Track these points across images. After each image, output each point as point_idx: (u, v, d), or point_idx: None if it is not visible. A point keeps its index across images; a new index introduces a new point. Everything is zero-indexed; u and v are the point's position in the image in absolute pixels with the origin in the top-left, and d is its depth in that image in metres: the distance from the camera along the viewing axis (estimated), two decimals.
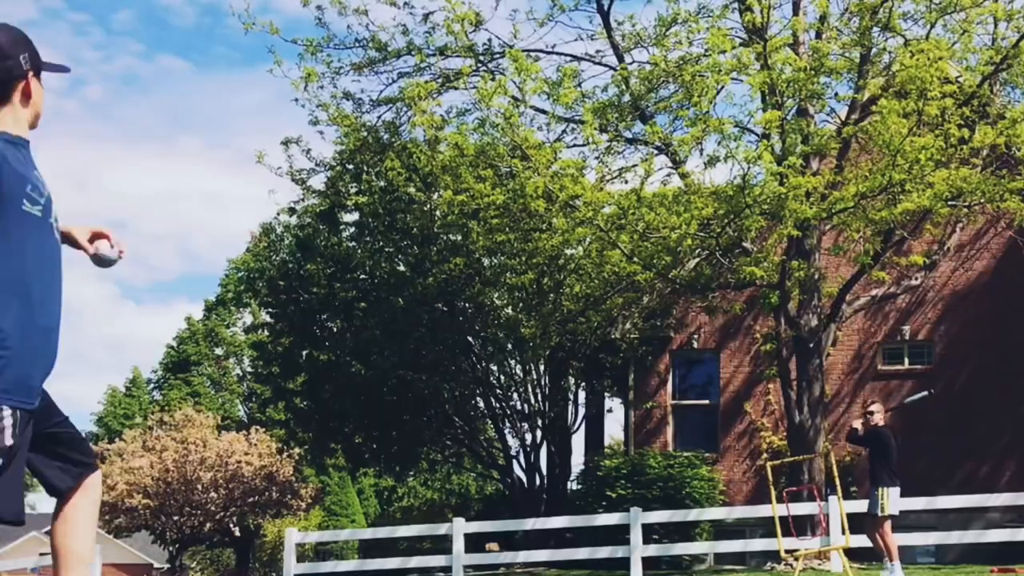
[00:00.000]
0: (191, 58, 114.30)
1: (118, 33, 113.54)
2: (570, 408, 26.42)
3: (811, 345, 18.51)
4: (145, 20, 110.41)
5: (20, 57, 3.72)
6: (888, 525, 13.99)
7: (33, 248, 3.61)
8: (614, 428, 48.57)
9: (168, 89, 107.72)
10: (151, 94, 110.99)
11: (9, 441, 3.59)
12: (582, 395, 26.82)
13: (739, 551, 20.00)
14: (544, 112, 18.80)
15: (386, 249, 25.55)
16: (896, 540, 17.01)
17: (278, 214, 26.24)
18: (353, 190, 25.26)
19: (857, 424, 14.17)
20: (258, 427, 35.33)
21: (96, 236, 4.13)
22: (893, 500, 13.87)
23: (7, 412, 3.56)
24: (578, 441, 27.50)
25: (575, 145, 19.56)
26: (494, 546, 22.93)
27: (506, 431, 26.45)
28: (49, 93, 3.91)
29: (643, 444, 23.09)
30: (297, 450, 30.88)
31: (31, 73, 3.75)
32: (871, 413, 14.15)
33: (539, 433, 25.76)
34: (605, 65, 20.28)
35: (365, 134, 21.60)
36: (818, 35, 18.19)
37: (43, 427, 3.86)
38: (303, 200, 25.26)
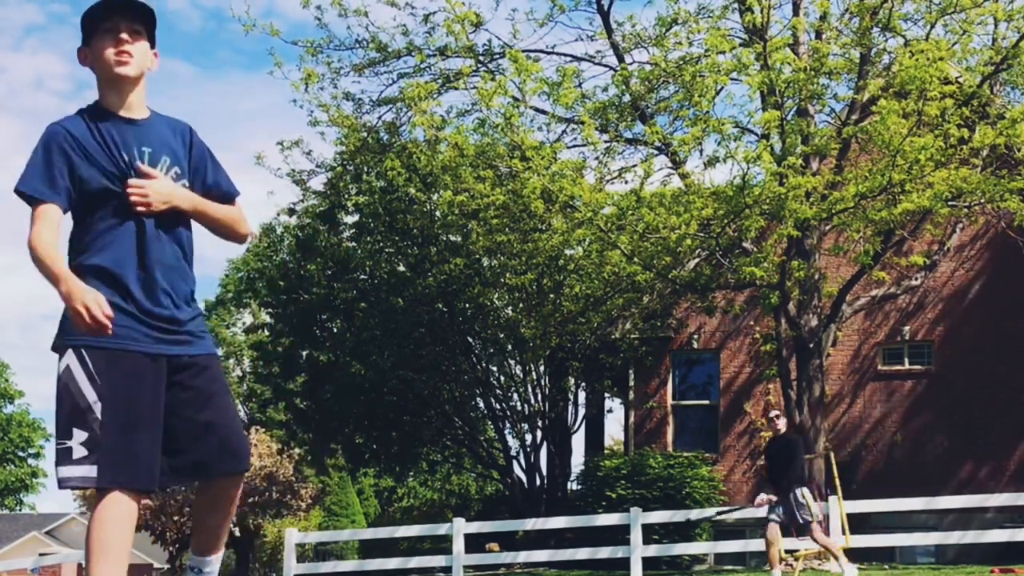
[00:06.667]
0: (196, 62, 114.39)
1: None
2: (570, 408, 26.41)
3: (811, 345, 18.50)
4: None
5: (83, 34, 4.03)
6: (819, 528, 13.94)
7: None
8: (614, 428, 48.62)
9: (173, 92, 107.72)
10: (156, 97, 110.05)
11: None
12: (582, 395, 26.82)
13: (739, 551, 19.99)
14: (544, 112, 18.81)
15: (386, 249, 25.53)
16: (896, 540, 17.04)
17: (278, 214, 26.27)
18: (353, 190, 25.25)
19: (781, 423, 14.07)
20: (258, 427, 35.36)
21: None
22: (813, 502, 13.84)
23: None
24: (578, 441, 27.52)
25: (575, 145, 19.56)
26: (494, 546, 22.91)
27: (506, 431, 26.45)
28: (53, 95, 4.05)
29: (643, 444, 23.09)
30: (297, 450, 30.88)
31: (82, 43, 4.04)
32: (776, 418, 14.19)
33: (539, 433, 25.75)
34: (605, 65, 20.29)
35: (365, 135, 21.59)
36: (818, 35, 18.18)
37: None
38: (303, 201, 25.28)
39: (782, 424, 14.02)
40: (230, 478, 4.04)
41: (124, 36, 3.94)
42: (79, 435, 3.68)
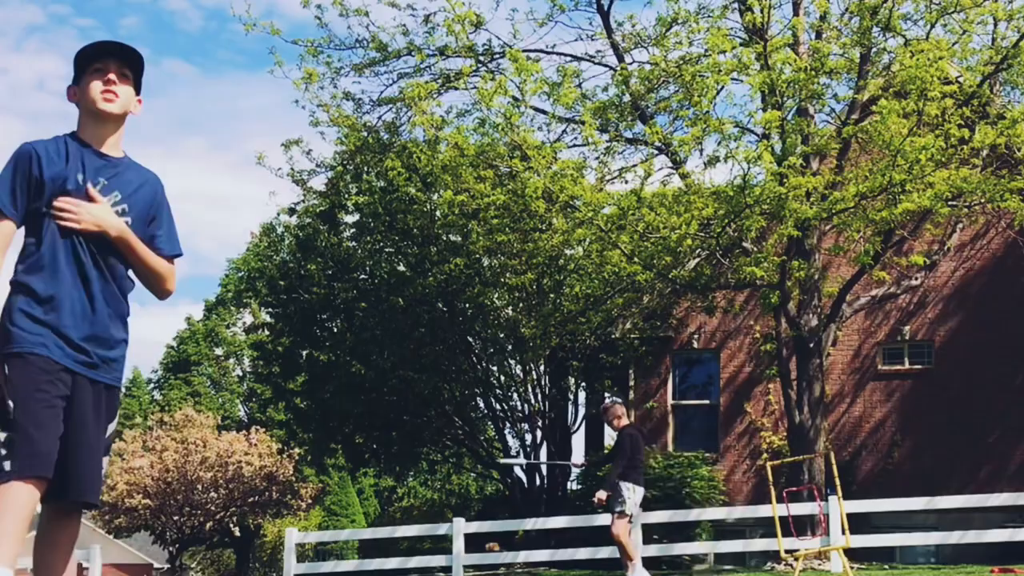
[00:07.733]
0: (196, 62, 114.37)
1: (124, 38, 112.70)
2: (570, 408, 26.42)
3: (811, 345, 18.49)
4: (151, 25, 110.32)
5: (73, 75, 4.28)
6: (624, 524, 13.74)
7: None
8: None
9: (173, 93, 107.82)
10: (156, 98, 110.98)
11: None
12: (582, 395, 26.83)
13: (739, 551, 19.99)
14: (544, 112, 18.81)
15: (386, 249, 25.53)
16: (896, 540, 16.96)
17: (278, 214, 26.28)
18: (353, 190, 25.26)
19: (603, 494, 13.87)
20: (258, 427, 35.38)
21: None
22: (634, 497, 13.69)
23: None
24: (578, 441, 27.51)
25: (575, 145, 19.57)
26: (494, 546, 22.92)
27: (506, 431, 26.45)
28: (54, 96, 4.24)
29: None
30: (297, 450, 30.90)
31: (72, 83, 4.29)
32: (619, 418, 14.22)
33: (539, 433, 25.76)
34: (605, 65, 20.29)
35: (365, 134, 21.60)
36: (818, 35, 18.18)
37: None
38: (303, 200, 25.29)
39: (624, 421, 14.16)
40: (72, 515, 4.25)
41: (112, 76, 4.18)
42: (1, 435, 3.97)
